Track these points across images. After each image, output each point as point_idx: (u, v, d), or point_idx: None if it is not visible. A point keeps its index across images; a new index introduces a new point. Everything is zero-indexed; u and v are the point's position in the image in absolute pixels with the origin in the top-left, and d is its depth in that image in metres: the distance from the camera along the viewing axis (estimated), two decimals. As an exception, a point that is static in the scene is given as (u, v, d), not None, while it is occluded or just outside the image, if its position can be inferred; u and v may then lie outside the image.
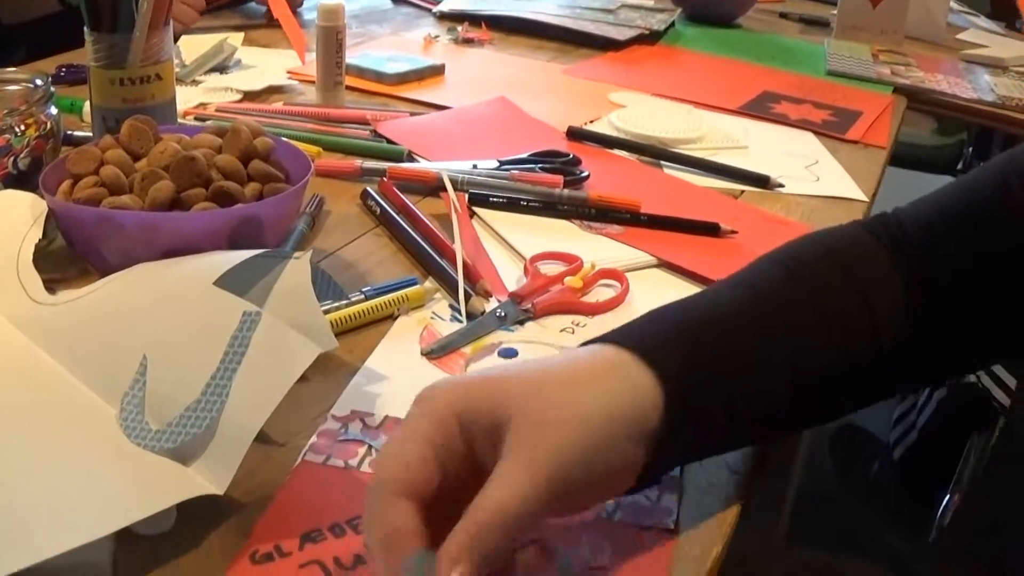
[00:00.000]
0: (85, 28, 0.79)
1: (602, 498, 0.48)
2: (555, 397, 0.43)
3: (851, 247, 0.56)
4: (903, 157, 2.34)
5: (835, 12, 1.70)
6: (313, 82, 1.08)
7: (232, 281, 0.53)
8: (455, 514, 0.40)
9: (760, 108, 1.21)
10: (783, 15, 1.83)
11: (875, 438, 1.79)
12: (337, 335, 0.63)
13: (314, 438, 0.54)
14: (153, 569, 0.45)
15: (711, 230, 0.82)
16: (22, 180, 0.71)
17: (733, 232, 0.82)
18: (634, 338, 0.48)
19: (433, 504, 0.42)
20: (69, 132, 0.90)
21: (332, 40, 1.04)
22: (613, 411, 0.44)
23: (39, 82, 0.76)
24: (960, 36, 1.77)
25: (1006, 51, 1.60)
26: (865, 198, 0.96)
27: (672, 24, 1.59)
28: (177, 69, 1.08)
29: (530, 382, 0.44)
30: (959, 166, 2.30)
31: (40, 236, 0.63)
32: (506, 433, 0.42)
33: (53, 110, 0.76)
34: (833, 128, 1.16)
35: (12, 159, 0.72)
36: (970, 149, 2.28)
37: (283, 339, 0.50)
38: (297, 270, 0.55)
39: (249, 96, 1.09)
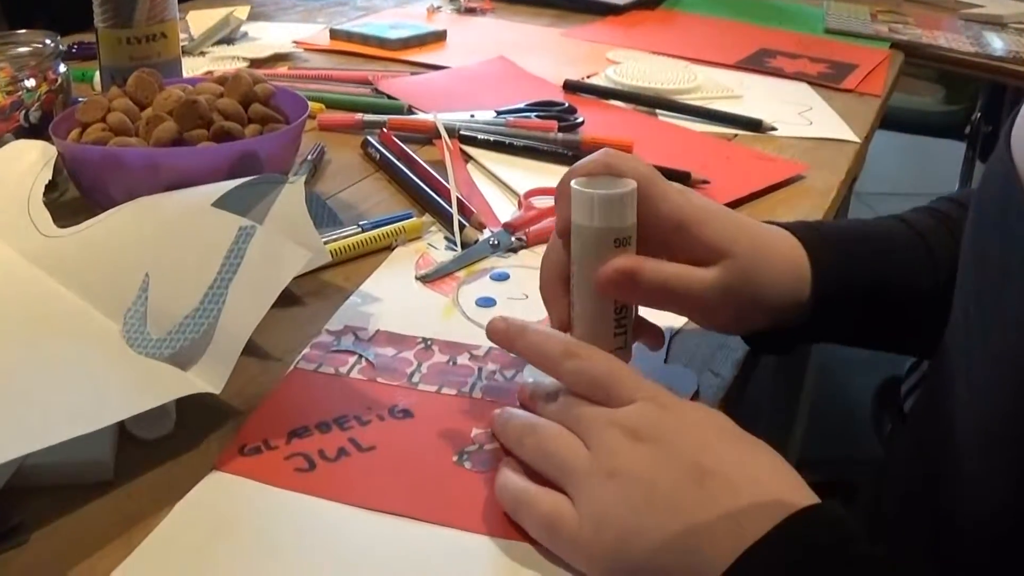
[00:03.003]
0: (92, -10, 0.82)
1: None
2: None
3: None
4: (911, 124, 2.35)
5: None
6: (319, 50, 1.10)
7: (230, 203, 0.56)
8: None
9: (756, 63, 1.22)
10: (785, -19, 1.84)
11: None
12: (336, 264, 0.66)
13: (307, 349, 0.57)
14: (152, 469, 0.47)
15: (681, 180, 0.81)
16: (33, 133, 0.75)
17: (705, 182, 0.82)
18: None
19: None
20: (80, 98, 0.93)
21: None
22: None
23: (49, 41, 0.79)
24: (962, -3, 1.77)
25: (1004, 8, 1.61)
26: (858, 139, 0.98)
27: (673, -10, 1.60)
28: (184, 42, 1.11)
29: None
30: (966, 131, 2.30)
31: (49, 177, 0.66)
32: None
33: (62, 67, 0.79)
34: (829, 79, 1.18)
35: (24, 112, 0.75)
36: (978, 115, 2.28)
37: (277, 247, 0.52)
38: (293, 192, 0.58)
39: (256, 64, 1.12)
